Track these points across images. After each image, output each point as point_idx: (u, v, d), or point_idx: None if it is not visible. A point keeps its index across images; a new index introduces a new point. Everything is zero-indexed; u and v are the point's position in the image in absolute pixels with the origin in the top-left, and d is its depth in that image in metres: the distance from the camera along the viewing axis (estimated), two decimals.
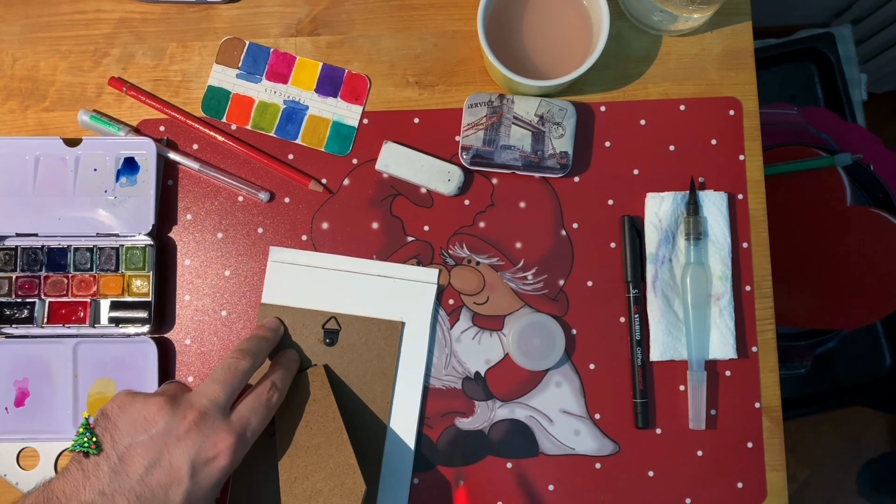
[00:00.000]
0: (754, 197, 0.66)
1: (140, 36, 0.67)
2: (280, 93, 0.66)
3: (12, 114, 0.67)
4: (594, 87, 0.67)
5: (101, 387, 0.64)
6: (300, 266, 0.65)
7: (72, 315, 0.64)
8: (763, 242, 0.66)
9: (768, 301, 0.65)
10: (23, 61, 0.67)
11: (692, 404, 0.64)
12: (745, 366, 0.65)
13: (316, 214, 0.66)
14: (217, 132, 0.66)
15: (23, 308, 0.64)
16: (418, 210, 0.66)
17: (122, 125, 0.65)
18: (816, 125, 1.07)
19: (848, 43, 1.17)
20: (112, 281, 0.64)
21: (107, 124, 0.65)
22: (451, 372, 0.65)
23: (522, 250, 0.66)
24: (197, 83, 0.67)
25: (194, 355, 0.65)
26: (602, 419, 0.65)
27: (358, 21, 0.67)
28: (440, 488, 0.64)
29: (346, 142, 0.66)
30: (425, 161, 0.65)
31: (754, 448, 0.64)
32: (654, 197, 0.65)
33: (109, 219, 0.64)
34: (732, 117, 0.66)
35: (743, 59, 0.67)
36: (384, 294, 0.64)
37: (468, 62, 0.67)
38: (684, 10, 0.62)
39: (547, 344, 0.64)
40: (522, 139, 0.64)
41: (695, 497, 0.64)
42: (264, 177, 0.66)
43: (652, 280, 0.65)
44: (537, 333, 0.64)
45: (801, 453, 1.45)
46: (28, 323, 0.64)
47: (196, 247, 0.66)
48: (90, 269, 0.64)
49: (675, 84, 0.67)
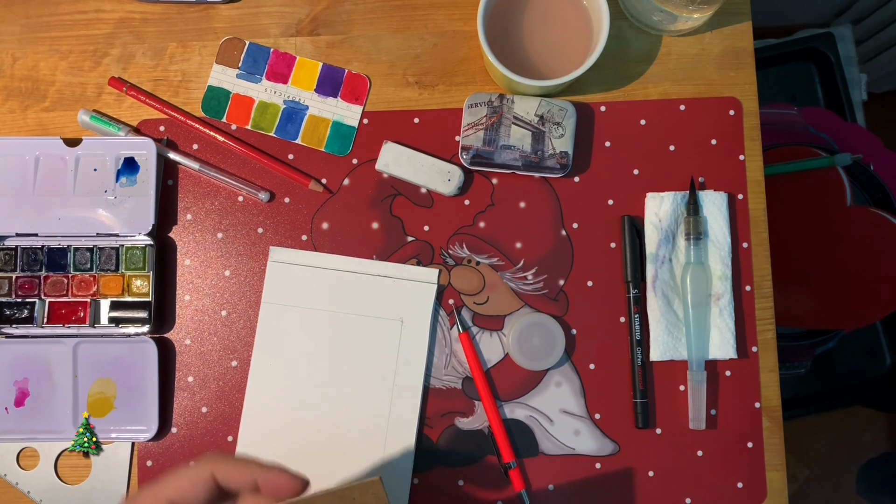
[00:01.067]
0: (754, 197, 0.66)
1: (140, 36, 0.67)
2: (280, 93, 0.66)
3: (12, 114, 0.67)
4: (594, 87, 0.67)
5: (100, 387, 0.64)
6: (300, 266, 0.65)
7: (72, 315, 0.64)
8: (763, 242, 0.66)
9: (768, 301, 0.65)
10: (23, 61, 0.67)
11: (692, 404, 0.64)
12: (745, 366, 0.65)
13: (316, 214, 0.66)
14: (217, 132, 0.66)
15: (23, 308, 0.64)
16: (418, 210, 0.66)
17: (122, 125, 0.65)
18: (816, 125, 1.07)
19: (848, 43, 1.17)
20: (112, 281, 0.64)
21: (107, 124, 0.65)
22: (451, 372, 0.65)
23: (522, 250, 0.66)
24: (197, 83, 0.67)
25: (194, 355, 0.65)
26: (602, 419, 0.64)
27: (358, 21, 0.67)
28: (440, 488, 0.64)
29: (346, 142, 0.66)
30: (425, 161, 0.65)
31: (754, 448, 0.64)
32: (654, 197, 0.65)
33: (109, 219, 0.64)
34: (732, 117, 0.66)
35: (743, 59, 0.67)
36: (384, 294, 0.64)
37: (468, 62, 0.67)
38: (684, 10, 0.62)
39: (547, 344, 0.64)
40: (522, 139, 0.64)
41: (695, 497, 0.64)
42: (264, 177, 0.66)
43: (652, 280, 0.65)
44: (537, 333, 0.64)
45: (801, 453, 1.45)
46: (28, 323, 0.64)
47: (196, 247, 0.66)
48: (90, 269, 0.64)
49: (675, 84, 0.67)
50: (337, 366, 0.64)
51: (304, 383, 0.64)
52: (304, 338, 0.64)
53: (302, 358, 0.64)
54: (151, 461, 0.64)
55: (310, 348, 0.64)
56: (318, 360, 0.64)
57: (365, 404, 0.64)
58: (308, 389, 0.64)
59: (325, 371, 0.64)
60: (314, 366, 0.64)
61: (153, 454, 0.64)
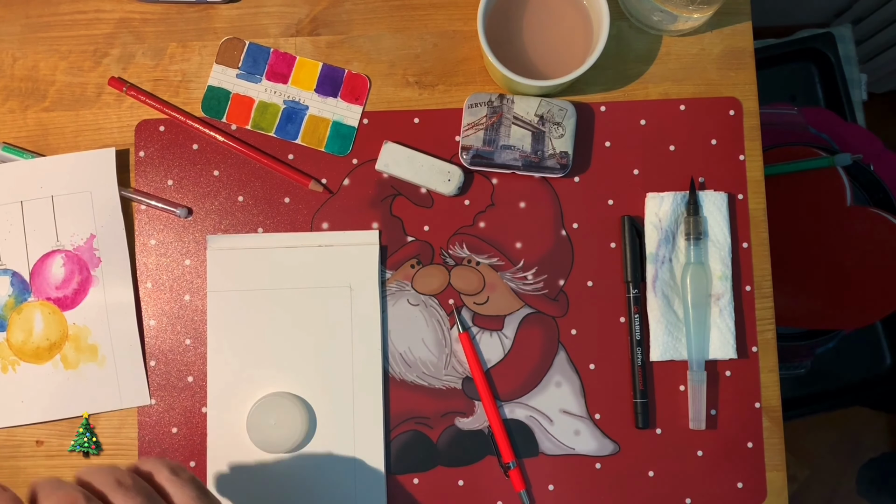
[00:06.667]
0: (754, 197, 0.66)
1: (140, 36, 0.67)
2: (280, 93, 0.66)
3: (12, 114, 0.67)
4: (594, 87, 0.67)
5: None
6: (240, 250, 0.65)
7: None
8: (763, 242, 0.66)
9: (768, 301, 0.65)
10: (23, 61, 0.67)
11: (692, 404, 0.64)
12: (745, 366, 0.65)
13: (316, 214, 0.66)
14: (217, 132, 0.66)
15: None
16: (418, 210, 0.66)
17: (33, 153, 0.66)
18: (816, 125, 1.07)
19: (848, 43, 1.17)
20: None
21: (20, 154, 0.65)
22: (451, 372, 0.65)
23: (522, 250, 0.66)
24: (197, 83, 0.67)
25: (194, 355, 0.65)
26: (602, 419, 0.64)
27: (358, 21, 0.67)
28: (440, 488, 0.64)
29: (346, 142, 0.66)
30: (425, 161, 0.65)
31: (754, 448, 0.64)
32: (654, 197, 0.65)
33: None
34: (732, 117, 0.66)
35: (743, 59, 0.67)
36: (328, 263, 0.65)
37: (468, 62, 0.67)
38: (684, 10, 0.62)
39: (283, 424, 0.62)
40: (522, 139, 0.64)
41: (695, 497, 0.64)
42: (264, 177, 0.66)
43: (652, 280, 0.65)
44: (273, 412, 0.62)
45: (801, 453, 1.45)
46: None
47: (196, 247, 0.66)
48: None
49: (675, 84, 0.67)
50: (293, 342, 0.64)
51: (262, 363, 0.64)
52: (257, 319, 0.64)
53: (258, 339, 0.64)
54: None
55: (264, 328, 0.64)
56: (273, 338, 0.64)
57: (327, 377, 0.64)
58: (267, 369, 0.64)
59: (282, 348, 0.64)
60: (271, 344, 0.64)
61: (154, 454, 0.64)
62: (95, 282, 0.64)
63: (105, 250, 0.65)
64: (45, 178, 0.65)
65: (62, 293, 0.65)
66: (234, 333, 0.64)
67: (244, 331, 0.64)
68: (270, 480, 0.63)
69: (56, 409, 0.64)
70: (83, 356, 0.64)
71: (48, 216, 0.65)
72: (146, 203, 0.65)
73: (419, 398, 0.65)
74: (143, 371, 0.64)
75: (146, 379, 0.64)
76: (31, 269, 0.65)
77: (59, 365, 0.64)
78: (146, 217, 0.66)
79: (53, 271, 0.65)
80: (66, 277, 0.65)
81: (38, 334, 0.64)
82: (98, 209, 0.65)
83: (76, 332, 0.64)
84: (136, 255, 0.66)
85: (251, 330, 0.64)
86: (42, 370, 0.64)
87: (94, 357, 0.64)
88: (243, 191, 0.66)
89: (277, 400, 0.63)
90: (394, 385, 0.65)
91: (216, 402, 0.64)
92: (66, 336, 0.64)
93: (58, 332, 0.64)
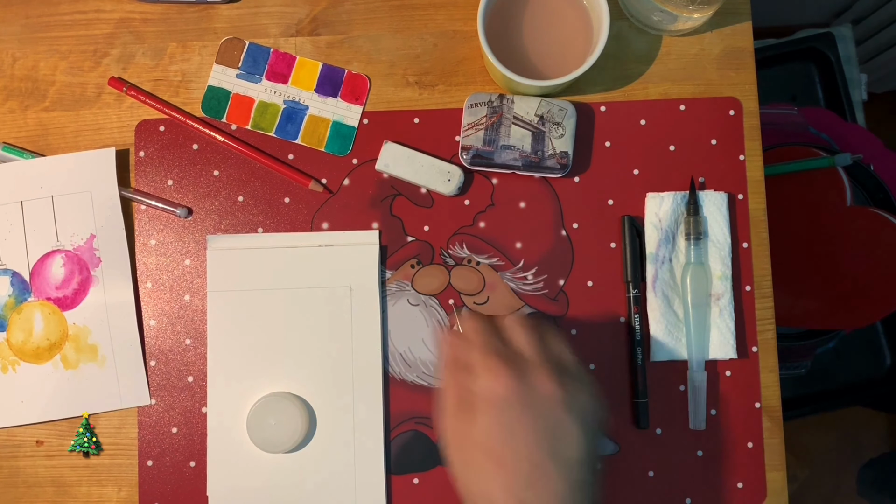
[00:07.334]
0: (754, 197, 0.66)
1: (140, 36, 0.67)
2: (280, 93, 0.66)
3: (12, 114, 0.67)
4: (594, 87, 0.67)
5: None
6: (240, 250, 0.65)
7: None
8: (763, 242, 0.66)
9: (768, 301, 0.65)
10: (23, 61, 0.67)
11: (692, 404, 0.64)
12: (745, 366, 0.65)
13: (316, 214, 0.66)
14: (217, 132, 0.66)
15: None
16: (418, 210, 0.66)
17: (33, 153, 0.66)
18: (816, 125, 1.07)
19: (848, 43, 1.17)
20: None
21: (20, 154, 0.65)
22: None
23: (522, 250, 0.66)
24: (197, 83, 0.67)
25: (194, 355, 0.65)
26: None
27: (358, 21, 0.67)
28: (440, 488, 0.64)
29: (346, 142, 0.66)
30: (425, 161, 0.65)
31: (754, 448, 0.64)
32: (654, 197, 0.65)
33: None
34: (732, 117, 0.66)
35: (743, 59, 0.67)
36: (328, 263, 0.64)
37: (468, 62, 0.67)
38: (684, 10, 0.62)
39: (282, 424, 0.62)
40: (522, 139, 0.64)
41: (695, 497, 0.64)
42: (264, 177, 0.66)
43: (652, 280, 0.65)
44: (272, 413, 0.62)
45: (801, 453, 1.45)
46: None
47: (196, 247, 0.66)
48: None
49: (675, 84, 0.67)
50: (293, 342, 0.64)
51: (262, 363, 0.64)
52: (257, 319, 0.64)
53: (258, 339, 0.64)
54: (152, 461, 0.64)
55: (264, 328, 0.64)
56: (273, 338, 0.64)
57: (327, 377, 0.64)
58: (267, 369, 0.64)
59: (282, 348, 0.64)
60: (270, 344, 0.64)
61: (154, 454, 0.64)
62: (95, 282, 0.65)
63: (105, 250, 0.65)
64: (45, 178, 0.65)
65: (62, 293, 0.65)
66: (234, 333, 0.64)
67: (244, 331, 0.64)
68: (270, 480, 0.63)
69: (56, 409, 0.64)
70: (83, 356, 0.64)
71: (48, 216, 0.65)
72: (146, 203, 0.65)
73: (419, 398, 0.65)
74: (143, 371, 0.64)
75: (146, 379, 0.64)
76: (31, 269, 0.65)
77: (59, 365, 0.64)
78: (146, 217, 0.66)
79: (53, 271, 0.65)
80: (66, 277, 0.65)
81: (38, 334, 0.64)
82: (98, 209, 0.65)
83: (76, 332, 0.64)
84: (136, 255, 0.66)
85: (251, 330, 0.64)
86: (42, 370, 0.64)
87: (94, 357, 0.64)
88: (243, 191, 0.66)
89: (277, 400, 0.63)
90: (394, 385, 0.65)
91: (216, 402, 0.64)
92: (66, 336, 0.64)
93: (58, 332, 0.64)
